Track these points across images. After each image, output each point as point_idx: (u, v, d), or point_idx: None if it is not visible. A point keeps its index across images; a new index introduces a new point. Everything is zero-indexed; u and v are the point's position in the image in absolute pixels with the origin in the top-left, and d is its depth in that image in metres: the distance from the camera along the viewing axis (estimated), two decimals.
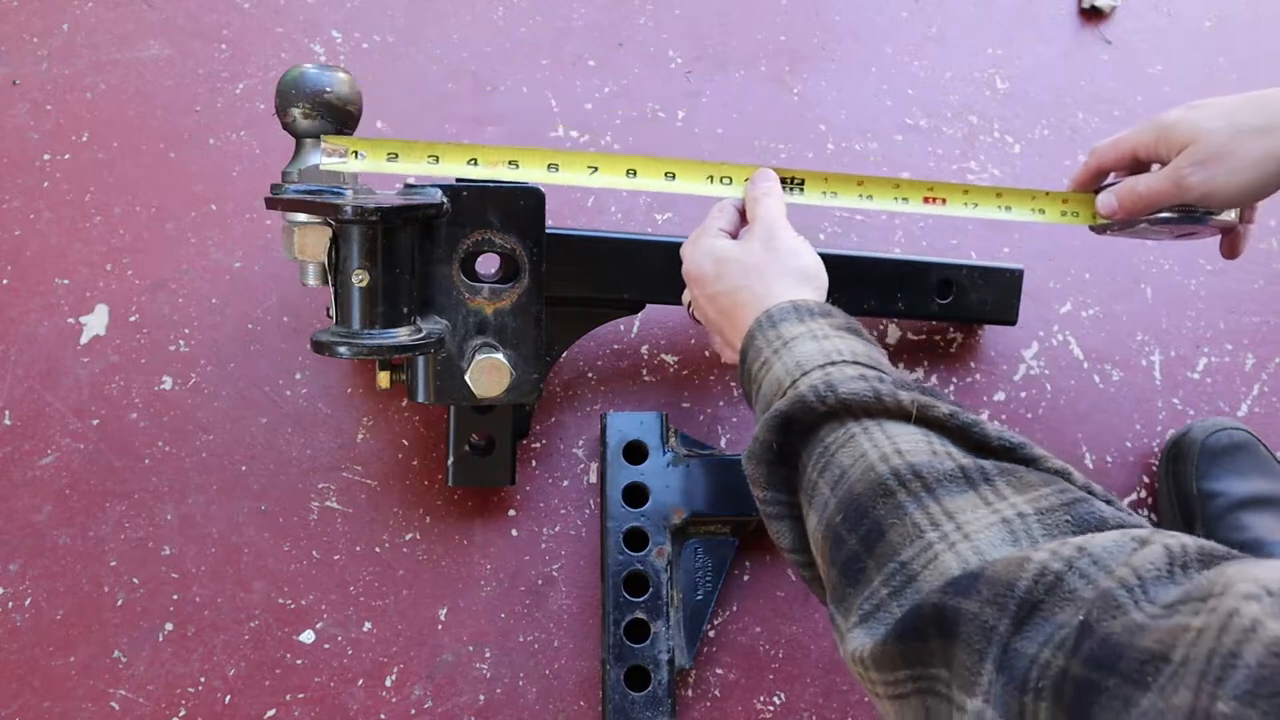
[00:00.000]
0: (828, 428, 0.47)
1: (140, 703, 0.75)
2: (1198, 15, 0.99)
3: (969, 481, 0.41)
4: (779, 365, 0.51)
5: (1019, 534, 0.38)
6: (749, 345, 0.55)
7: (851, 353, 0.51)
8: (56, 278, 0.81)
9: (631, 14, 0.92)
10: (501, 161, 0.64)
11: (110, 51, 0.86)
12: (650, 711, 0.74)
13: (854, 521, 0.42)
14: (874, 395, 0.46)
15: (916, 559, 0.39)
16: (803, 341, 0.52)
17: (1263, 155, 0.61)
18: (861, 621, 0.40)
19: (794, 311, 0.54)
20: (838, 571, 0.43)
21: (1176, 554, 0.34)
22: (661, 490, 0.77)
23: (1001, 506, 0.39)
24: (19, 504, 0.77)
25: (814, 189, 0.68)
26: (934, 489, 0.41)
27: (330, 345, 0.63)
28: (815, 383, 0.47)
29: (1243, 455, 0.82)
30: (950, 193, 0.69)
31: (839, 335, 0.53)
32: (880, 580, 0.40)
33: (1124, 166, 0.69)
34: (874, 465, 0.43)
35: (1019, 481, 0.41)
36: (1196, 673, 0.28)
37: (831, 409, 0.46)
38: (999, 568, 0.36)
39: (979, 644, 0.35)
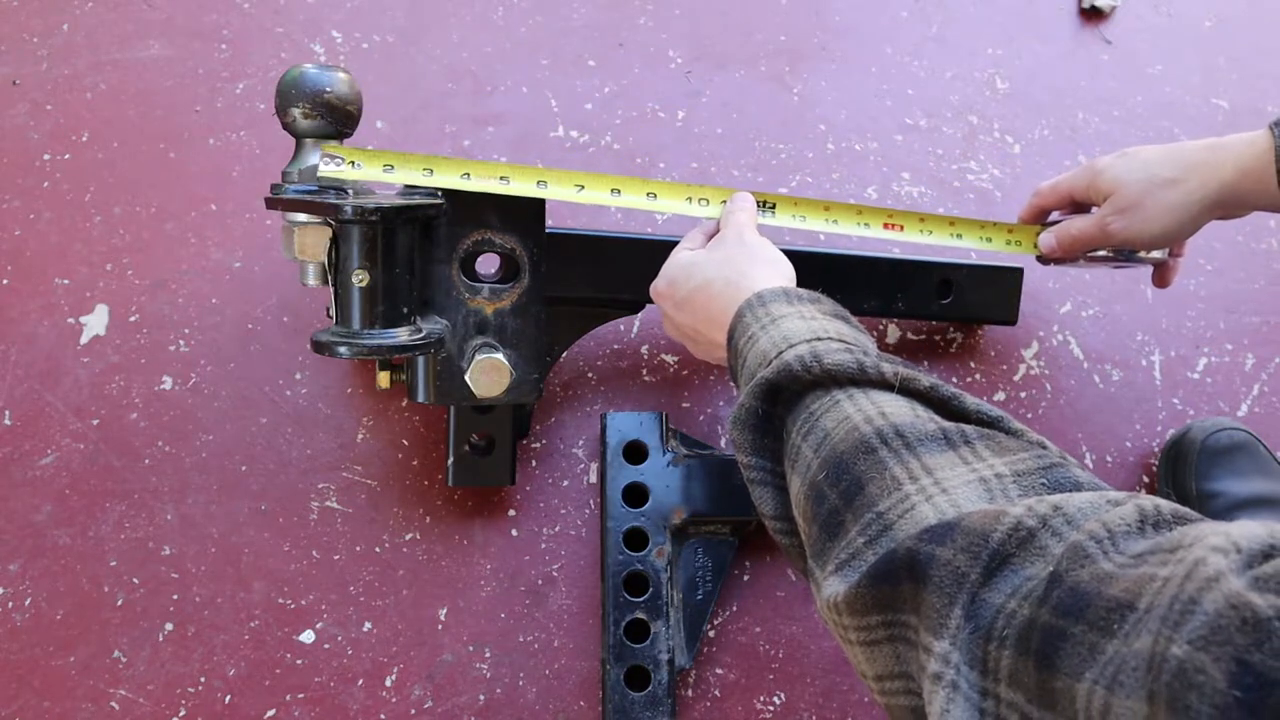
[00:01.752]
0: (813, 395, 0.48)
1: (140, 703, 0.75)
2: (1198, 15, 0.99)
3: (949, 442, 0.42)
4: (765, 339, 0.53)
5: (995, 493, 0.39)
6: (737, 323, 0.56)
7: (838, 333, 0.52)
8: (56, 278, 0.81)
9: (631, 14, 0.92)
10: (493, 176, 0.66)
11: (110, 51, 0.86)
12: (650, 711, 0.74)
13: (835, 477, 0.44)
14: (858, 366, 0.47)
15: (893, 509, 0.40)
16: (791, 320, 0.53)
17: (1172, 204, 0.67)
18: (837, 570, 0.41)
19: (784, 295, 0.56)
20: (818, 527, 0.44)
21: (1149, 512, 0.34)
22: (661, 490, 0.77)
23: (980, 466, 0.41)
24: (19, 504, 0.77)
25: (785, 212, 0.72)
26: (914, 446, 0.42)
27: (330, 345, 0.63)
28: (801, 353, 0.49)
29: (1242, 455, 0.82)
30: (908, 220, 0.74)
31: (827, 319, 0.54)
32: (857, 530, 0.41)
33: (1063, 205, 0.75)
34: (857, 425, 0.44)
35: (997, 445, 0.42)
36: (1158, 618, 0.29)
37: (817, 378, 0.48)
38: (975, 519, 0.37)
39: (950, 589, 0.36)
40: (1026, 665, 0.33)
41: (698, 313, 0.62)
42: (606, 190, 0.68)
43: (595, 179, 0.68)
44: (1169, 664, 0.27)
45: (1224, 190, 0.66)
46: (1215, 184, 0.66)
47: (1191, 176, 0.67)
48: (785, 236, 0.88)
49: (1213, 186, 0.66)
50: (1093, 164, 0.72)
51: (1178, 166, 0.68)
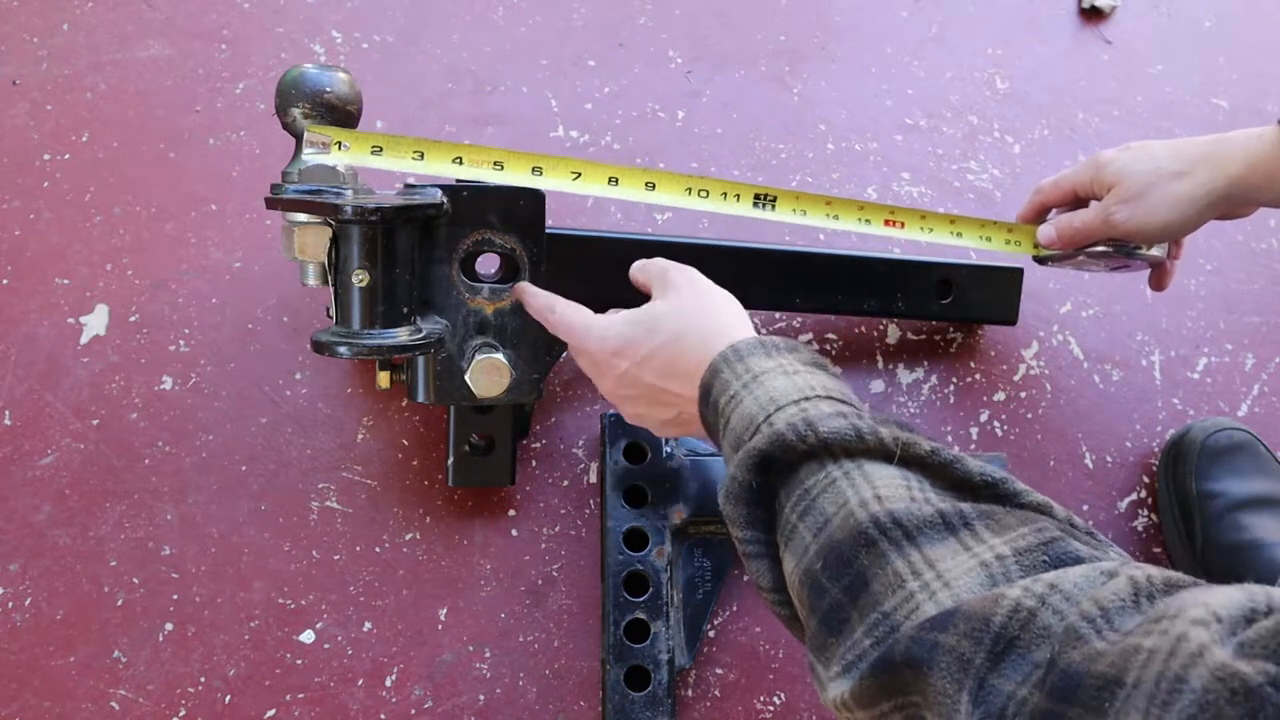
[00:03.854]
0: (807, 469, 0.46)
1: (140, 703, 0.75)
2: (1198, 15, 0.99)
3: (948, 527, 0.41)
4: (750, 400, 0.50)
5: (997, 576, 0.39)
6: (713, 379, 0.53)
7: (824, 388, 0.50)
8: (56, 278, 0.81)
9: (631, 14, 0.92)
10: (487, 162, 0.64)
11: (110, 51, 0.86)
12: (650, 711, 0.74)
13: (836, 571, 0.42)
14: (855, 433, 0.45)
15: (899, 609, 0.39)
16: (774, 376, 0.51)
17: (1179, 197, 0.67)
18: (844, 671, 0.41)
19: (760, 346, 0.54)
20: (818, 620, 0.43)
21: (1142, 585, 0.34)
22: (661, 490, 0.77)
23: (980, 550, 0.40)
24: (19, 504, 0.77)
25: (785, 207, 0.70)
26: (914, 537, 0.41)
27: (330, 345, 0.63)
28: (793, 420, 0.47)
29: (1242, 455, 0.82)
30: (909, 217, 0.74)
31: (809, 371, 0.52)
32: (863, 631, 0.40)
33: (1065, 203, 0.75)
34: (854, 512, 0.43)
35: (997, 524, 0.41)
36: (1145, 695, 0.28)
37: (811, 448, 0.46)
38: (974, 604, 0.36)
39: (957, 674, 0.35)
40: None
41: (664, 369, 0.58)
42: (604, 179, 0.67)
43: (592, 167, 0.67)
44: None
45: (1230, 184, 0.66)
46: (1222, 178, 0.66)
47: (1198, 170, 0.67)
48: (785, 236, 0.88)
49: (1219, 180, 0.66)
50: (1096, 157, 0.71)
51: (1184, 160, 0.67)
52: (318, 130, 0.61)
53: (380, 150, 0.62)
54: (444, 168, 0.64)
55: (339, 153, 0.61)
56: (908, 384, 0.87)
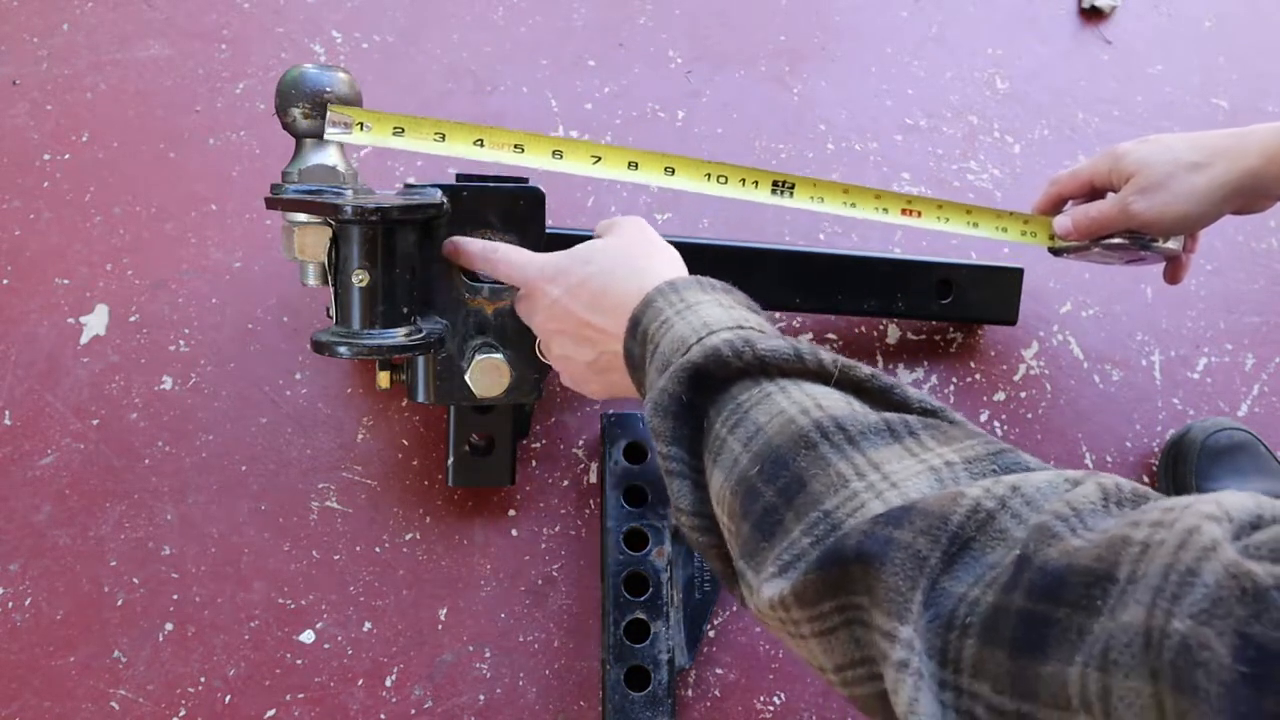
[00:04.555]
0: (741, 385, 0.45)
1: (140, 703, 0.75)
2: (1198, 15, 0.99)
3: (893, 434, 0.40)
4: (682, 324, 0.49)
5: (947, 481, 0.37)
6: (646, 309, 0.52)
7: (759, 325, 0.49)
8: (56, 278, 0.81)
9: (631, 14, 0.92)
10: (507, 145, 0.63)
11: (110, 51, 0.86)
12: (650, 711, 0.74)
13: (771, 473, 0.41)
14: (794, 353, 0.44)
15: (841, 507, 0.38)
16: (708, 307, 0.50)
17: (1197, 188, 0.67)
18: (781, 571, 0.39)
19: (697, 283, 0.53)
20: (751, 525, 0.41)
21: (1111, 491, 0.33)
22: (661, 490, 0.77)
23: (928, 457, 0.39)
24: (19, 504, 0.77)
25: (803, 194, 0.70)
26: (857, 440, 0.40)
27: (330, 345, 0.63)
28: (730, 339, 0.46)
29: (1243, 455, 0.82)
30: (926, 207, 0.73)
31: (744, 310, 0.51)
32: (801, 530, 0.39)
33: (1081, 194, 0.75)
34: (794, 418, 0.41)
35: (943, 435, 0.40)
36: (1151, 588, 0.27)
37: (748, 364, 0.45)
38: (931, 501, 0.35)
39: (911, 572, 0.34)
40: (995, 654, 0.31)
41: (592, 300, 0.58)
42: (624, 164, 0.66)
43: (612, 151, 0.66)
44: (1170, 639, 0.26)
45: (1247, 176, 0.66)
46: (1240, 170, 0.66)
47: (1217, 161, 0.67)
48: (785, 236, 0.88)
49: (1237, 172, 0.67)
50: (1114, 149, 0.71)
51: (1203, 151, 0.68)
52: (340, 110, 0.60)
53: (402, 131, 0.61)
54: (466, 149, 0.63)
55: (361, 133, 0.61)
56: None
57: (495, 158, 0.64)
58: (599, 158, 0.66)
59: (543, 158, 0.64)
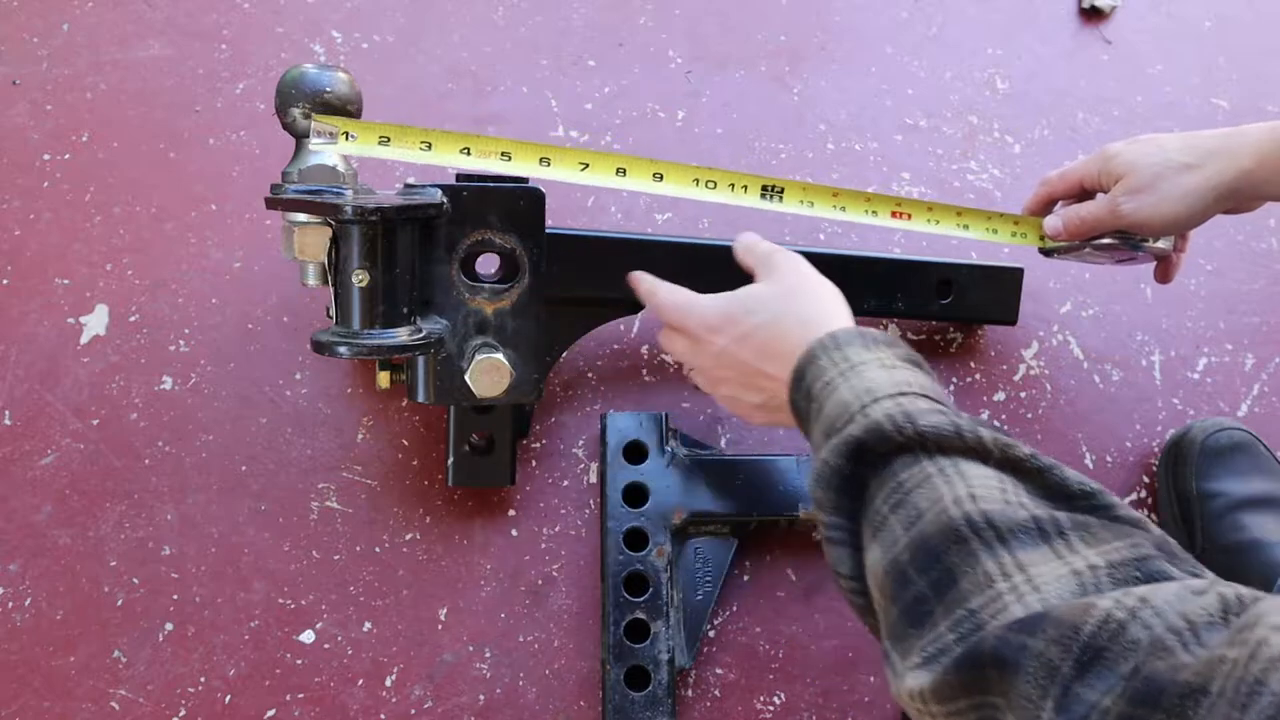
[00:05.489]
0: (901, 461, 0.46)
1: (140, 703, 0.75)
2: (1198, 15, 0.99)
3: (1042, 534, 0.41)
4: (846, 388, 0.51)
5: (1088, 586, 0.38)
6: (808, 364, 0.54)
7: (921, 386, 0.50)
8: (56, 278, 0.81)
9: (631, 14, 0.92)
10: (494, 153, 0.64)
11: (110, 51, 0.86)
12: (650, 711, 0.74)
13: (924, 564, 0.42)
14: (954, 430, 0.45)
15: (985, 608, 0.39)
16: (871, 368, 0.51)
17: (1188, 189, 0.67)
18: (924, 663, 0.41)
19: (859, 337, 0.54)
20: (899, 610, 0.43)
21: (1231, 602, 0.35)
22: (661, 490, 0.77)
23: (1073, 559, 0.40)
24: (19, 504, 0.77)
25: (792, 198, 0.70)
26: (1007, 539, 0.41)
27: (330, 345, 0.63)
28: (891, 411, 0.47)
29: (1242, 455, 0.82)
30: (916, 209, 0.73)
31: (906, 367, 0.52)
32: (947, 626, 0.40)
33: (1072, 195, 0.75)
34: (948, 509, 0.43)
35: (1091, 536, 0.41)
36: (1227, 700, 0.29)
37: (908, 440, 0.46)
38: (1065, 611, 0.36)
39: (1043, 680, 0.35)
40: None
41: (760, 350, 0.59)
42: (611, 170, 0.66)
43: (600, 157, 0.66)
44: None
45: (1240, 178, 0.66)
46: (1232, 171, 0.66)
47: (1208, 163, 0.66)
48: (785, 236, 0.88)
49: (1229, 174, 0.66)
50: (1105, 149, 0.71)
51: (1194, 152, 0.67)
52: (325, 120, 0.60)
53: (388, 140, 0.62)
54: (452, 158, 0.63)
55: (346, 143, 0.61)
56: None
57: (482, 166, 0.64)
58: (586, 164, 0.66)
59: (530, 165, 0.64)
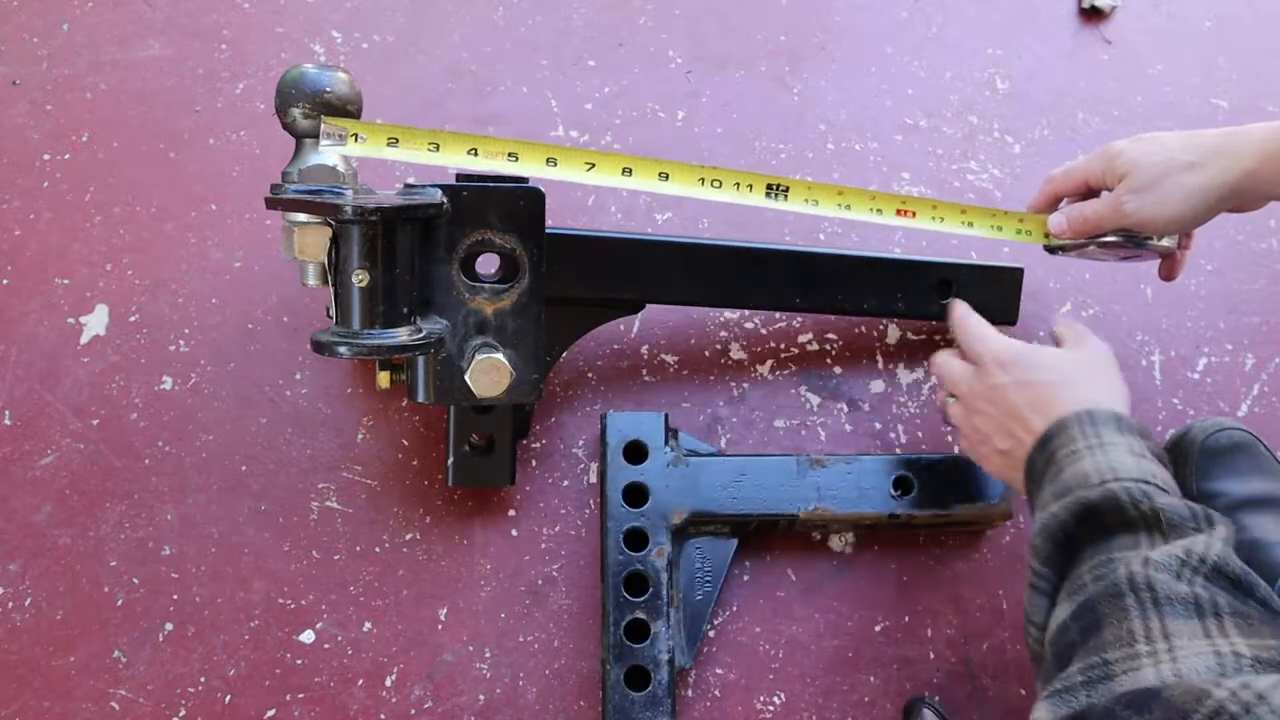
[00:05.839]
0: (1123, 540, 0.47)
1: (140, 703, 0.75)
2: (1198, 15, 0.99)
3: (1198, 610, 0.41)
4: (1090, 461, 0.52)
5: (1228, 668, 0.38)
6: (1060, 430, 0.56)
7: (1164, 482, 0.51)
8: (57, 278, 0.81)
9: (631, 14, 0.92)
10: (501, 154, 0.64)
11: (110, 51, 0.86)
12: (650, 711, 0.74)
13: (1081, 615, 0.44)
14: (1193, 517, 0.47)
15: (1120, 662, 0.40)
16: (1120, 451, 0.53)
17: (1191, 188, 0.67)
18: (1050, 697, 0.41)
19: (1116, 421, 0.55)
20: (1053, 652, 0.45)
21: None
22: (661, 490, 0.77)
23: (1221, 643, 0.40)
24: (19, 504, 0.77)
25: (798, 197, 0.70)
26: (1161, 604, 0.42)
27: (330, 345, 0.63)
28: (1132, 488, 0.48)
29: (1242, 455, 0.82)
30: (921, 207, 0.73)
31: (1155, 462, 0.53)
32: (1080, 667, 0.41)
33: (1076, 193, 0.75)
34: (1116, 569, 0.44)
35: (1248, 626, 0.41)
36: None
37: (1140, 515, 0.47)
38: (1179, 692, 0.36)
39: None
40: None
41: (1034, 400, 0.61)
42: (618, 170, 0.66)
43: (606, 158, 0.66)
44: None
45: (1244, 177, 0.66)
46: (1236, 170, 0.66)
47: (1212, 162, 0.66)
48: (786, 236, 0.88)
49: (1233, 173, 0.66)
50: (1109, 147, 0.71)
51: (1198, 151, 0.67)
52: (334, 122, 0.61)
53: (396, 142, 0.62)
54: (460, 159, 0.64)
55: (355, 145, 0.61)
56: (908, 384, 0.87)
57: (490, 166, 0.64)
58: (593, 164, 0.66)
59: (537, 165, 0.65)
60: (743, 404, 0.85)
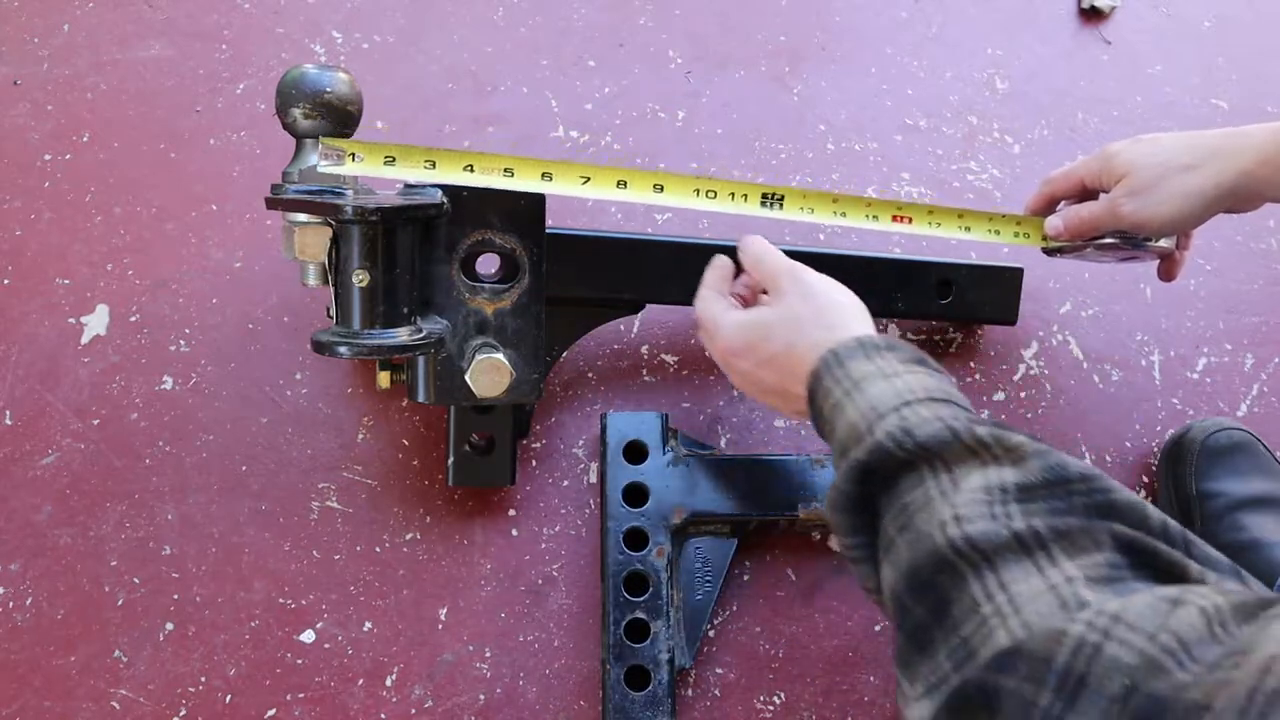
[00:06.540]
0: (907, 482, 0.47)
1: (141, 702, 0.75)
2: (1198, 15, 0.99)
3: (1024, 549, 0.42)
4: (852, 408, 0.52)
5: (1067, 599, 0.39)
6: (816, 386, 0.55)
7: (924, 389, 0.51)
8: (57, 278, 0.81)
9: (631, 14, 0.92)
10: (497, 169, 0.64)
11: (111, 51, 0.86)
12: (650, 711, 0.74)
13: (919, 592, 0.44)
14: (951, 435, 0.46)
15: (974, 635, 0.40)
16: (873, 381, 0.52)
17: (1188, 190, 0.67)
18: (927, 693, 0.42)
19: (860, 348, 0.55)
20: (905, 636, 0.44)
21: (1211, 614, 0.35)
22: (661, 490, 0.77)
23: (1053, 574, 0.40)
24: (19, 504, 0.77)
25: (793, 205, 0.71)
26: (993, 560, 0.42)
27: (330, 345, 0.63)
28: (892, 429, 0.48)
29: (1242, 455, 0.82)
30: (917, 213, 0.73)
31: (909, 371, 0.53)
32: (945, 654, 0.41)
33: (1074, 194, 0.75)
34: (934, 535, 0.44)
35: (1073, 545, 0.41)
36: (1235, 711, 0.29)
37: (910, 455, 0.47)
38: (1037, 642, 0.37)
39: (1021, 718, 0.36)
40: None
41: (783, 373, 0.61)
42: (612, 183, 0.67)
43: (601, 171, 0.67)
44: None
45: (1241, 178, 0.66)
46: (1233, 171, 0.66)
47: (1209, 163, 0.66)
48: (785, 236, 0.88)
49: (1230, 174, 0.66)
50: (1105, 149, 0.71)
51: (1195, 152, 0.67)
52: (331, 143, 0.61)
53: (393, 160, 0.62)
54: (456, 176, 0.64)
55: (353, 164, 0.61)
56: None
57: (486, 182, 0.65)
58: (588, 178, 0.66)
59: (532, 180, 0.65)
60: (743, 404, 0.85)
